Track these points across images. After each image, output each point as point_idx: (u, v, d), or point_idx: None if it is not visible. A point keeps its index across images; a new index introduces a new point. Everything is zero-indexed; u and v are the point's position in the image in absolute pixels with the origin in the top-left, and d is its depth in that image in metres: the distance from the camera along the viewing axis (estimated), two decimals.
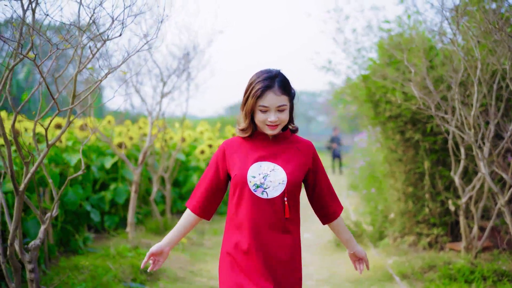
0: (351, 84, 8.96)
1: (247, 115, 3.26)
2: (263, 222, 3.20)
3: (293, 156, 3.31)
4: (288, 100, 3.25)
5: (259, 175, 3.21)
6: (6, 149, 4.03)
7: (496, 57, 5.87)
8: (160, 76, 8.75)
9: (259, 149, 3.30)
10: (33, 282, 4.42)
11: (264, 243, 3.20)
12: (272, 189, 3.19)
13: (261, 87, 3.17)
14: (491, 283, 6.24)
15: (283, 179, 3.21)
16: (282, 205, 3.22)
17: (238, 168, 3.25)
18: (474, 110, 5.93)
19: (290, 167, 3.26)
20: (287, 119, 3.26)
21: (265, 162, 3.25)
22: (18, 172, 6.11)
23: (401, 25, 8.31)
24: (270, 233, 3.21)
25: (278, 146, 3.32)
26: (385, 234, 8.94)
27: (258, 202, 3.20)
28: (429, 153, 8.17)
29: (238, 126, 3.35)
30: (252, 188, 3.19)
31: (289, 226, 3.26)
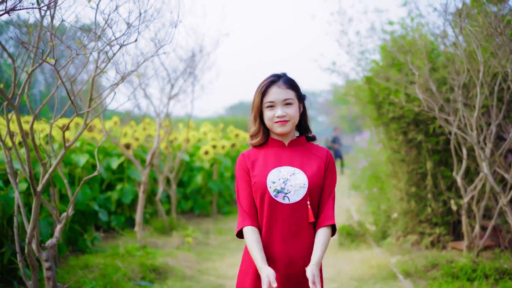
0: (355, 85, 9.07)
1: (256, 117, 3.23)
2: (286, 229, 3.10)
3: (311, 160, 3.23)
4: (295, 96, 3.21)
5: (279, 180, 3.12)
6: (26, 152, 4.16)
7: (498, 60, 5.98)
8: (168, 78, 8.87)
9: (276, 155, 3.23)
10: (49, 280, 4.55)
11: (287, 251, 3.10)
12: (293, 193, 3.10)
13: (265, 84, 3.18)
14: (492, 281, 6.35)
15: (304, 182, 3.11)
16: (306, 209, 3.12)
17: (257, 175, 3.17)
18: (477, 112, 6.04)
19: (310, 170, 3.17)
20: (296, 115, 3.19)
21: (284, 167, 3.18)
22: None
23: (404, 27, 8.43)
24: (293, 241, 3.12)
25: (295, 151, 3.25)
26: (388, 233, 9.06)
27: (280, 208, 3.10)
28: (431, 154, 8.29)
29: (249, 133, 3.32)
30: (273, 194, 3.10)
31: (312, 232, 3.16)
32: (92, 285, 6.15)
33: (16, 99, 4.20)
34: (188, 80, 9.26)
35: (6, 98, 3.99)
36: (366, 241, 9.05)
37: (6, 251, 6.08)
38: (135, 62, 7.30)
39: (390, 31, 8.59)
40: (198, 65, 9.28)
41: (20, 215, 5.31)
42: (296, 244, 3.12)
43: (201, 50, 9.20)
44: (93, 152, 8.69)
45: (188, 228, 9.90)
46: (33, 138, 4.26)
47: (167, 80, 8.92)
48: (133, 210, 9.95)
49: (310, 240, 3.14)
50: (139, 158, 10.17)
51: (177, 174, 11.11)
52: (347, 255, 8.41)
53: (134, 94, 8.70)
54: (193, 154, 12.82)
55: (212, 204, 12.49)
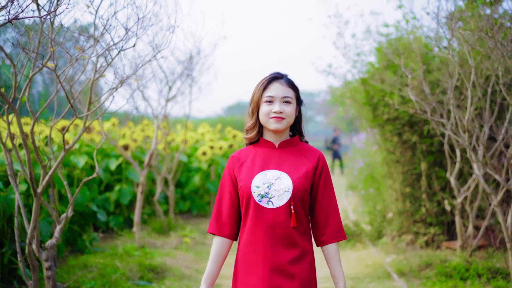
0: (351, 87, 9.16)
1: (254, 111, 3.19)
2: (270, 234, 3.05)
3: (300, 163, 3.17)
4: (294, 97, 3.18)
5: (264, 184, 3.08)
6: (26, 154, 4.26)
7: (490, 62, 6.06)
8: (166, 80, 8.97)
9: (264, 158, 3.19)
10: (49, 279, 4.66)
11: (272, 256, 3.05)
12: (277, 198, 3.05)
13: (267, 79, 3.16)
14: (485, 280, 6.46)
15: (288, 186, 3.06)
16: (289, 214, 3.05)
17: (243, 179, 3.14)
18: (468, 114, 6.13)
19: (296, 173, 3.11)
20: (292, 115, 3.15)
21: (271, 170, 3.13)
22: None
23: (399, 30, 8.52)
24: (278, 246, 3.05)
25: (285, 153, 3.20)
26: (384, 233, 9.17)
27: (264, 213, 3.06)
28: (426, 155, 8.39)
29: (245, 127, 3.28)
30: (257, 199, 3.06)
31: (298, 238, 3.08)
32: (91, 284, 6.24)
33: (17, 102, 4.30)
34: (186, 82, 9.36)
35: (7, 102, 4.09)
36: (361, 241, 9.15)
37: (6, 251, 6.16)
38: (133, 65, 7.40)
39: (386, 33, 8.69)
40: (195, 67, 9.38)
41: (20, 216, 5.41)
42: (280, 249, 3.05)
43: (199, 53, 9.29)
44: (92, 153, 8.77)
45: (186, 228, 9.99)
46: (34, 141, 4.36)
47: (165, 82, 9.02)
48: (131, 211, 10.04)
49: (293, 246, 3.07)
50: (137, 159, 10.25)
51: (175, 175, 11.20)
52: (343, 255, 8.50)
53: (133, 96, 8.77)
54: (191, 155, 12.90)
55: (209, 205, 12.57)
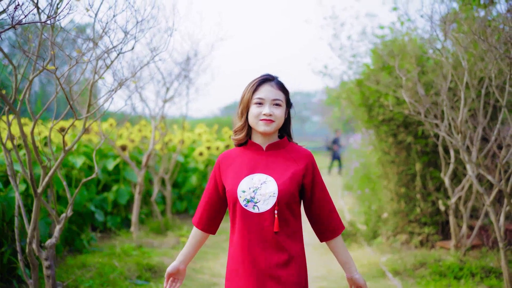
0: (347, 88, 9.23)
1: (243, 112, 3.17)
2: (257, 239, 3.05)
3: (288, 166, 3.15)
4: (284, 100, 3.18)
5: (249, 189, 3.08)
6: (27, 155, 4.33)
7: (484, 64, 6.13)
8: (163, 81, 9.04)
9: (252, 161, 3.18)
10: (49, 278, 4.73)
11: (260, 261, 3.05)
12: (262, 202, 3.04)
13: (258, 80, 3.15)
14: (479, 279, 6.54)
15: (273, 191, 3.05)
16: (273, 219, 3.04)
17: (230, 183, 3.15)
18: (461, 115, 6.20)
19: (283, 177, 3.09)
20: (282, 118, 3.14)
21: (258, 174, 3.12)
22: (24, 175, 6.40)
23: (394, 31, 8.60)
24: (265, 251, 3.05)
25: (272, 156, 3.19)
26: (379, 233, 9.25)
27: (250, 218, 3.06)
28: (420, 155, 8.48)
29: (234, 128, 3.26)
30: (243, 203, 3.07)
31: (285, 242, 3.07)
32: (89, 283, 6.32)
33: (18, 104, 4.37)
34: (183, 83, 9.43)
35: (7, 103, 4.16)
36: (357, 241, 9.23)
37: (6, 251, 6.23)
38: (131, 66, 7.48)
39: (381, 35, 8.77)
40: (193, 68, 9.45)
41: (20, 215, 5.48)
42: (268, 253, 3.05)
43: (196, 54, 9.36)
44: (90, 153, 8.85)
45: (183, 228, 10.06)
46: (34, 142, 4.43)
47: (162, 83, 9.09)
48: (129, 211, 10.10)
49: (280, 250, 3.06)
50: (134, 160, 10.32)
51: (172, 175, 11.27)
52: None
53: (130, 97, 8.85)
54: (187, 155, 12.97)
55: None
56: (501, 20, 6.14)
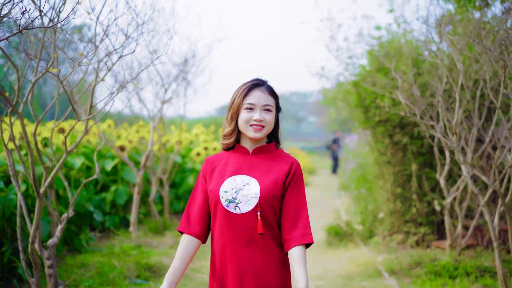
0: (343, 90, 9.30)
1: (233, 117, 3.14)
2: (238, 240, 3.02)
3: (271, 169, 3.14)
4: (274, 105, 3.16)
5: (232, 189, 3.06)
6: (29, 156, 4.40)
7: (478, 66, 6.20)
8: (162, 82, 9.10)
9: (237, 163, 3.17)
10: (51, 277, 4.81)
11: (241, 262, 3.02)
12: (244, 203, 3.02)
13: (248, 85, 3.11)
14: (473, 278, 6.62)
15: (256, 192, 3.03)
16: (255, 220, 3.01)
17: (213, 184, 3.12)
18: (456, 117, 6.28)
19: (266, 179, 3.08)
20: (272, 123, 3.13)
21: (241, 175, 3.11)
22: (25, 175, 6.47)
23: (390, 32, 8.67)
24: (246, 252, 3.02)
25: (258, 159, 3.18)
26: (375, 232, 9.33)
27: (232, 218, 3.03)
28: (416, 156, 8.56)
29: (223, 133, 3.22)
30: (225, 204, 3.04)
31: (268, 244, 3.04)
32: (89, 283, 6.39)
33: (20, 106, 4.44)
34: (181, 85, 9.50)
35: (11, 105, 4.23)
36: (353, 240, 9.32)
37: (6, 251, 6.29)
38: (130, 67, 7.56)
39: (377, 36, 8.84)
40: (191, 70, 9.51)
41: (22, 215, 5.55)
42: (247, 255, 3.02)
43: (194, 56, 9.43)
44: (88, 154, 8.91)
45: None
46: (36, 143, 4.50)
47: (160, 84, 9.15)
48: (127, 211, 10.17)
49: (262, 252, 3.03)
50: (132, 160, 10.38)
51: (169, 176, 11.33)
52: (335, 254, 8.68)
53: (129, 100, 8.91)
54: (185, 156, 13.02)
55: None
56: (496, 22, 6.21)
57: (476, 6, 6.86)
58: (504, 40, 5.07)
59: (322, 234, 9.81)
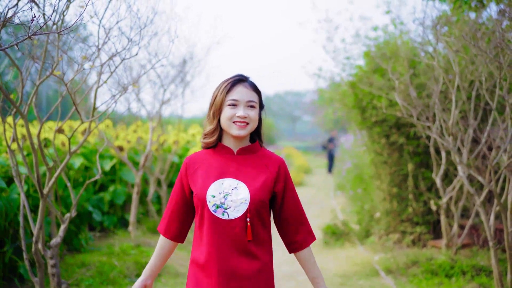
0: (340, 91, 9.36)
1: (215, 115, 3.01)
2: (225, 246, 2.90)
3: (259, 172, 3.02)
4: (258, 101, 3.05)
5: (220, 194, 2.92)
6: (34, 158, 4.47)
7: (475, 67, 6.27)
8: (160, 83, 9.16)
9: (222, 165, 3.03)
10: (54, 277, 4.88)
11: (227, 269, 2.91)
12: (233, 209, 2.90)
13: (231, 81, 3.00)
14: (469, 277, 6.69)
15: (245, 197, 2.91)
16: (245, 227, 2.91)
17: (199, 187, 2.98)
18: (453, 118, 6.35)
19: (255, 184, 2.96)
20: (256, 120, 3.01)
21: (228, 179, 2.97)
22: (28, 176, 6.52)
23: (387, 33, 8.74)
24: (234, 259, 2.91)
25: (243, 161, 3.05)
26: (371, 232, 9.41)
27: (219, 224, 2.91)
28: (412, 156, 8.64)
29: (204, 131, 3.09)
30: (212, 209, 2.91)
31: (255, 251, 2.95)
32: (90, 282, 6.47)
33: (24, 108, 4.51)
34: (179, 86, 9.56)
35: (15, 107, 4.30)
36: (350, 240, 9.39)
37: (8, 250, 6.34)
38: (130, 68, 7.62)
39: (374, 37, 8.91)
40: (189, 71, 9.58)
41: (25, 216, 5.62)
42: (236, 262, 2.91)
43: (192, 57, 9.49)
44: (87, 154, 8.96)
45: None
46: (40, 144, 4.57)
47: (159, 85, 9.21)
48: (125, 211, 10.22)
49: (252, 259, 2.95)
50: (131, 160, 10.43)
51: (167, 176, 11.39)
52: (332, 253, 8.75)
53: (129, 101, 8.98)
54: (182, 156, 13.06)
55: None
56: (491, 24, 6.27)
57: (471, 7, 6.92)
58: (499, 42, 5.13)
59: (319, 233, 9.89)
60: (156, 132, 9.66)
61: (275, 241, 3.49)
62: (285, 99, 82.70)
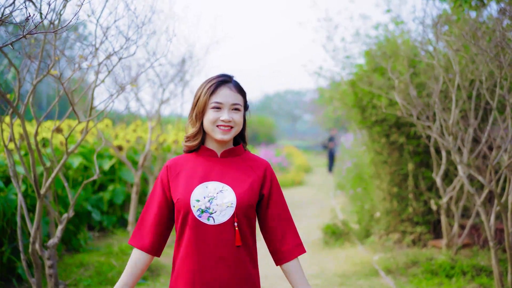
0: (340, 90, 9.33)
1: (198, 117, 2.87)
2: (211, 253, 2.75)
3: (245, 175, 2.90)
4: (243, 103, 2.91)
5: (204, 198, 2.78)
6: (30, 158, 4.44)
7: (475, 66, 6.25)
8: (159, 83, 9.14)
9: (206, 168, 2.88)
10: (52, 277, 4.85)
11: (213, 278, 2.76)
12: (219, 213, 2.76)
13: (215, 82, 2.84)
14: (469, 277, 6.68)
15: (231, 201, 2.77)
16: (232, 232, 2.77)
17: (181, 192, 2.82)
18: (453, 117, 6.33)
19: (241, 187, 2.83)
20: (241, 123, 2.89)
21: (212, 182, 2.83)
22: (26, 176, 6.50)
23: (387, 31, 8.71)
24: (219, 267, 2.76)
25: (228, 163, 2.92)
26: (371, 232, 9.38)
27: (204, 230, 2.75)
28: (412, 156, 8.61)
29: (186, 134, 2.95)
30: (197, 214, 2.75)
31: (243, 257, 2.81)
32: (88, 282, 6.44)
33: (21, 107, 4.48)
34: (178, 85, 9.54)
35: (12, 107, 4.27)
36: (350, 240, 9.36)
37: (6, 250, 6.32)
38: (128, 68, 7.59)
39: (375, 35, 8.88)
40: (188, 70, 9.56)
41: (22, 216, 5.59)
42: (222, 270, 2.77)
43: (192, 57, 9.47)
44: (86, 154, 8.95)
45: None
46: (37, 144, 4.54)
47: (158, 84, 9.19)
48: (124, 210, 10.21)
49: (239, 265, 2.80)
50: (130, 160, 10.41)
51: None
52: (332, 253, 8.72)
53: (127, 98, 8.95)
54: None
55: None
56: (491, 22, 6.25)
57: (472, 6, 6.90)
58: (500, 41, 5.11)
59: (318, 233, 9.87)
60: (156, 132, 9.64)
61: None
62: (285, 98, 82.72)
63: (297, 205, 14.12)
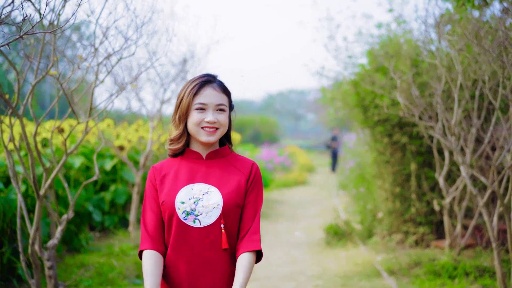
0: (342, 90, 9.30)
1: (182, 119, 2.80)
2: (197, 257, 2.72)
3: (230, 175, 2.84)
4: (228, 103, 2.85)
5: (190, 200, 2.72)
6: (30, 158, 4.42)
7: (478, 66, 6.21)
8: (161, 82, 9.11)
9: (191, 170, 2.83)
10: (51, 278, 4.83)
11: (198, 281, 2.73)
12: (205, 215, 2.70)
13: (198, 83, 2.77)
14: (473, 278, 6.64)
15: (218, 202, 2.72)
16: (219, 234, 2.71)
17: (166, 194, 2.77)
18: (455, 117, 6.29)
19: (227, 188, 2.78)
20: (226, 124, 2.83)
21: (198, 184, 2.78)
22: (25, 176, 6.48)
23: (390, 30, 8.67)
24: (205, 270, 2.73)
25: (213, 165, 2.86)
26: (374, 232, 9.35)
27: (190, 233, 2.71)
28: (415, 156, 8.57)
29: (169, 137, 2.89)
30: (182, 216, 2.70)
31: (228, 260, 2.77)
32: (89, 283, 6.42)
33: (20, 108, 4.45)
34: (180, 85, 9.51)
35: (11, 107, 4.24)
36: (352, 240, 9.33)
37: (6, 251, 6.30)
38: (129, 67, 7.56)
39: (378, 35, 8.83)
40: (190, 69, 9.53)
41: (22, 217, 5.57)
42: (208, 273, 2.73)
43: (193, 56, 9.45)
44: (87, 154, 8.92)
45: None
46: (36, 145, 4.51)
47: (159, 84, 9.16)
48: (126, 210, 10.19)
49: (225, 270, 2.77)
50: (132, 160, 10.39)
51: None
52: (334, 253, 8.69)
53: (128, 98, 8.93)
54: None
55: None
56: (494, 22, 6.22)
57: (475, 5, 6.86)
58: (503, 41, 5.08)
59: (321, 233, 9.84)
60: (157, 131, 9.61)
61: (275, 241, 3.41)
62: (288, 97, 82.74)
63: (300, 205, 14.12)
